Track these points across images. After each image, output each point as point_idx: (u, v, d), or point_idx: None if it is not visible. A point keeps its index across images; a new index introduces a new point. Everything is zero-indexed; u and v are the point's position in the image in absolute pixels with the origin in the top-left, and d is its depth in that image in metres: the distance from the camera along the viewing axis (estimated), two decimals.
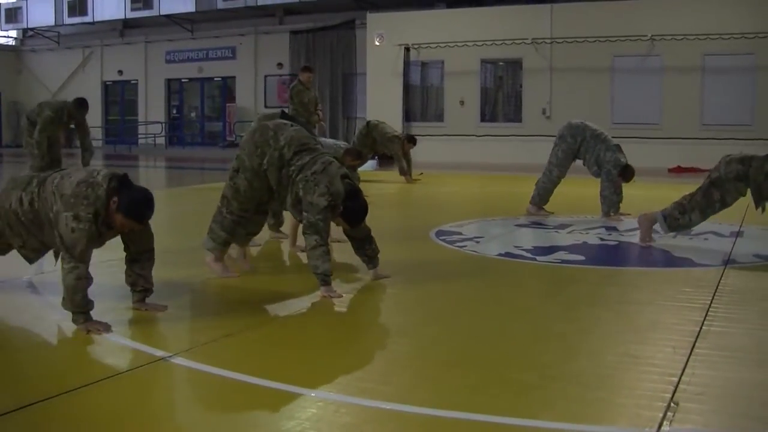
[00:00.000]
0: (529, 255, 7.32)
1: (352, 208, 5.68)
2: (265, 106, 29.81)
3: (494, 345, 4.47)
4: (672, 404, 3.42)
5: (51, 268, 5.78)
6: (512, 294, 5.85)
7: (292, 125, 6.06)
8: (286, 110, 11.19)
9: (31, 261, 5.22)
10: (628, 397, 3.56)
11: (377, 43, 23.79)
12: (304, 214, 5.59)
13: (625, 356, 4.19)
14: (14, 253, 5.20)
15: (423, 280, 6.14)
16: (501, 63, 23.23)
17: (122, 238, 4.93)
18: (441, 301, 5.56)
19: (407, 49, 23.31)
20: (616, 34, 20.34)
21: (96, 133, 33.20)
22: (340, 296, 5.47)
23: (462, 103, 22.85)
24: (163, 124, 32.52)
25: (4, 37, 36.82)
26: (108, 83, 34.78)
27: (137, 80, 33.63)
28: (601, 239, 8.29)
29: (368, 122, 15.81)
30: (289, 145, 5.78)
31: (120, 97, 34.88)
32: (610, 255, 7.67)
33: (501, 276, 6.48)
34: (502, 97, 23.35)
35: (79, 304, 4.54)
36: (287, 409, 3.46)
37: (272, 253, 7.57)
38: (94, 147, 10.92)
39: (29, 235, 4.95)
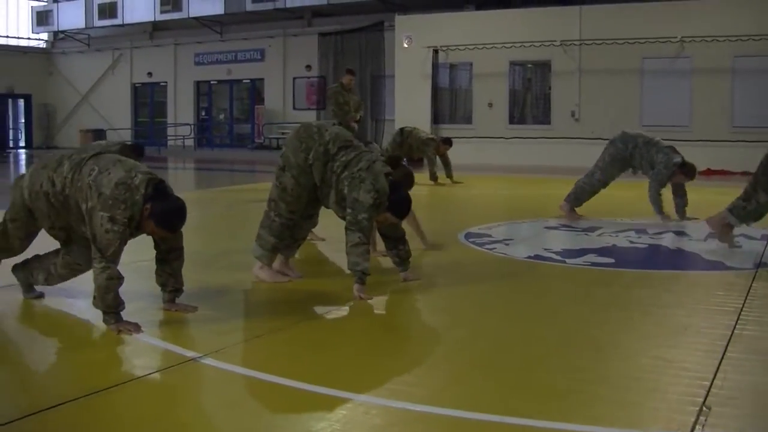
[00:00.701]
0: (558, 257, 7.28)
1: (397, 201, 5.66)
2: (294, 108, 29.92)
3: (524, 348, 4.46)
4: (704, 408, 3.39)
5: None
6: (542, 296, 5.83)
7: (334, 124, 6.08)
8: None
9: (62, 240, 5.17)
10: (661, 400, 3.54)
11: (406, 46, 23.78)
12: (348, 210, 5.57)
13: (656, 359, 4.16)
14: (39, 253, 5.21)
15: (453, 283, 6.12)
16: (530, 65, 23.16)
17: (152, 237, 4.94)
18: (471, 303, 5.54)
19: (436, 51, 23.28)
20: (645, 35, 20.21)
21: (125, 135, 33.46)
22: (369, 298, 5.46)
23: (490, 105, 22.79)
24: (192, 126, 32.65)
25: (36, 39, 37.12)
26: (137, 85, 34.97)
27: (166, 82, 33.79)
28: (631, 242, 8.24)
29: (402, 129, 15.62)
30: (334, 141, 5.79)
31: (149, 99, 35.06)
32: (641, 258, 7.61)
33: (530, 278, 6.45)
34: (530, 99, 23.28)
35: (110, 303, 4.56)
36: (316, 411, 3.46)
37: (307, 255, 7.57)
38: None
39: (57, 217, 4.95)
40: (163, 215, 4.64)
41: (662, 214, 9.61)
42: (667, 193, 9.79)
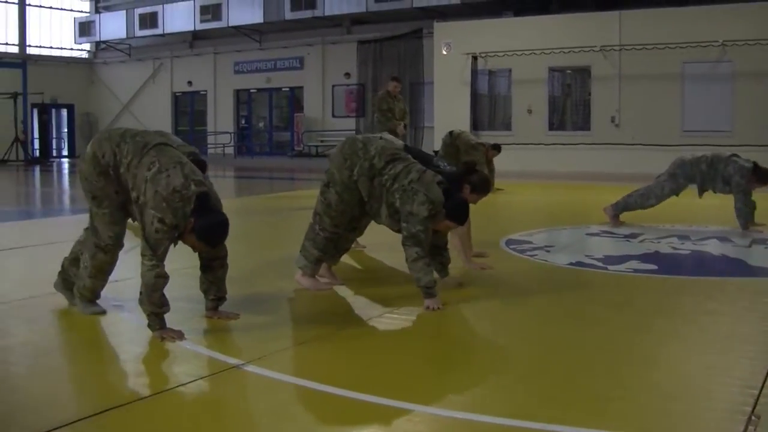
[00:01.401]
0: (600, 264, 7.23)
1: (455, 207, 5.57)
2: (333, 116, 30.01)
3: (567, 355, 4.42)
4: (753, 417, 3.34)
5: (122, 276, 5.88)
6: (585, 304, 5.78)
7: (380, 137, 6.03)
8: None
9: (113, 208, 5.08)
10: (708, 409, 3.50)
11: (444, 52, 23.76)
12: (403, 224, 5.50)
13: (702, 367, 4.12)
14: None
15: (494, 290, 6.09)
16: (569, 71, 23.05)
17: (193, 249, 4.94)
18: (512, 310, 5.51)
19: (474, 58, 23.24)
20: (686, 40, 20.05)
21: None
22: (441, 306, 5.39)
23: (530, 111, 22.71)
24: (232, 134, 32.84)
25: (78, 50, 37.54)
26: (178, 94, 35.26)
27: (206, 91, 34.03)
28: (674, 248, 8.16)
29: (451, 132, 15.41)
30: (380, 155, 5.73)
31: (189, 107, 35.33)
32: (684, 264, 7.54)
33: (573, 285, 6.41)
34: (570, 105, 23.17)
35: (156, 302, 4.60)
36: (359, 418, 3.46)
37: (348, 262, 7.58)
38: None
39: (119, 188, 4.93)
40: (205, 230, 4.64)
41: (749, 228, 9.29)
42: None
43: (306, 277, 6.10)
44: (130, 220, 5.17)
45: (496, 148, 15.08)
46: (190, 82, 34.35)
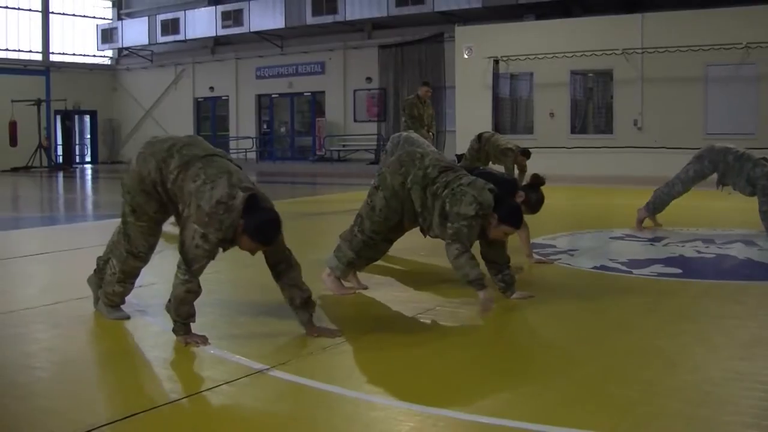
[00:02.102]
0: (624, 268, 7.20)
1: (509, 211, 5.55)
2: (354, 121, 30.04)
3: (593, 359, 4.41)
4: None
5: (147, 282, 5.90)
6: (609, 308, 5.76)
7: (436, 149, 6.04)
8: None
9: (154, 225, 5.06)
10: (734, 414, 3.47)
11: (466, 56, 23.76)
12: (448, 224, 5.48)
13: (728, 372, 4.09)
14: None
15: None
16: (591, 74, 23.00)
17: (251, 253, 4.79)
18: (536, 314, 5.49)
19: (496, 62, 23.22)
20: (709, 42, 19.96)
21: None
22: (491, 306, 5.37)
23: (552, 115, 22.67)
24: (254, 139, 32.94)
25: (101, 57, 37.77)
26: (200, 99, 35.42)
27: (228, 96, 34.17)
28: (698, 252, 8.12)
29: (480, 135, 14.83)
30: (434, 166, 5.70)
31: (211, 113, 35.47)
32: (708, 268, 7.50)
33: (597, 289, 6.38)
34: (592, 108, 23.11)
35: (183, 314, 4.58)
36: (382, 422, 3.46)
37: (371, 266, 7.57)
38: None
39: (160, 206, 4.88)
40: (256, 228, 4.52)
41: None
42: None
43: (332, 278, 6.07)
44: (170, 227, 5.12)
45: (526, 153, 14.38)
46: (212, 88, 34.49)
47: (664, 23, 20.85)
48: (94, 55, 37.37)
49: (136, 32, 34.81)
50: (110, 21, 37.03)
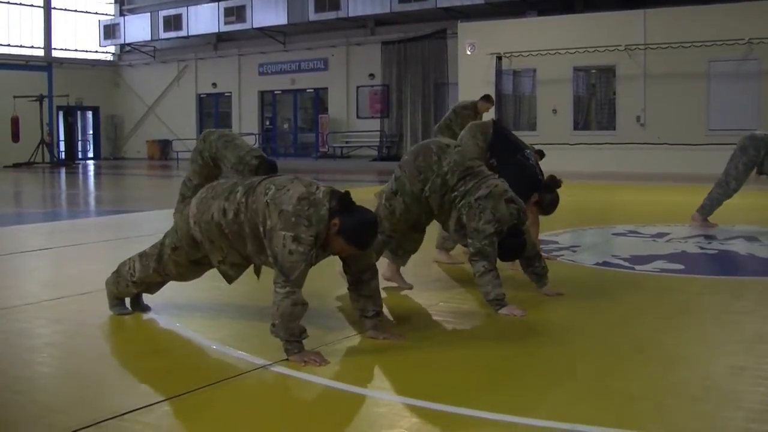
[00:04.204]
0: (627, 264, 7.19)
1: (509, 245, 5.49)
2: (357, 117, 30.05)
3: (595, 355, 4.40)
4: None
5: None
6: (611, 303, 5.75)
7: (456, 147, 5.88)
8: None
9: (231, 280, 4.84)
10: (736, 409, 3.47)
11: (468, 53, 23.75)
12: (469, 240, 5.41)
13: (730, 368, 4.08)
14: (115, 261, 5.27)
15: (520, 291, 6.04)
16: (594, 70, 23.00)
17: (340, 256, 4.58)
18: (538, 311, 5.48)
19: (499, 58, 23.22)
20: (711, 38, 19.96)
21: (190, 146, 33.82)
22: (523, 313, 5.27)
23: (555, 111, 22.67)
24: (257, 136, 32.94)
25: (103, 53, 37.79)
26: (202, 96, 35.43)
27: (231, 92, 34.18)
28: (701, 248, 8.12)
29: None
30: (453, 171, 5.53)
31: (214, 109, 35.49)
32: (711, 264, 7.50)
33: (599, 285, 6.37)
34: (595, 104, 23.11)
35: (294, 332, 4.19)
36: (386, 418, 3.46)
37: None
38: (189, 159, 10.55)
39: (230, 250, 4.63)
40: (354, 230, 4.24)
41: None
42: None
43: (392, 269, 6.12)
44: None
45: (539, 153, 14.28)
46: (214, 84, 34.51)
47: (666, 19, 20.85)
48: (97, 51, 37.42)
49: (138, 28, 34.85)
50: (112, 17, 37.05)
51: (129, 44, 36.31)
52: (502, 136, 7.24)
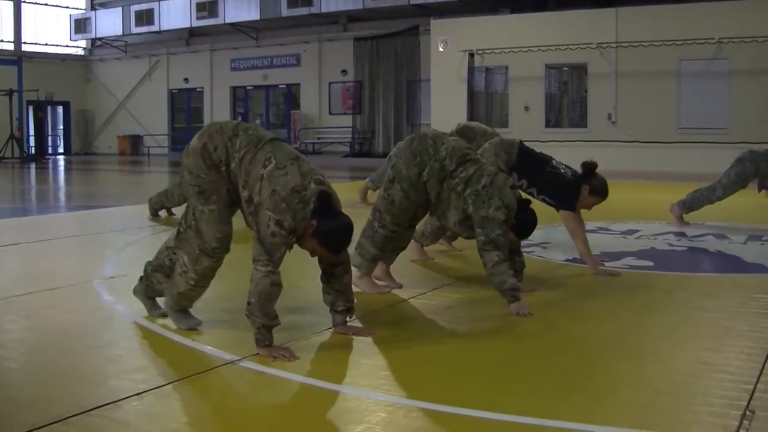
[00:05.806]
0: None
1: (523, 220, 5.52)
2: (330, 113, 30.04)
3: (563, 351, 4.42)
4: (748, 412, 3.34)
5: (117, 273, 5.86)
6: (580, 300, 5.78)
7: (451, 136, 5.84)
8: None
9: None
10: (702, 404, 3.49)
11: (441, 50, 23.78)
12: (479, 230, 5.35)
13: (698, 363, 4.12)
14: (84, 257, 5.24)
15: (489, 288, 6.03)
16: (566, 68, 23.09)
17: (311, 255, 4.48)
18: (506, 307, 5.48)
19: (471, 55, 23.26)
20: (682, 37, 20.09)
21: (162, 141, 33.70)
22: (530, 313, 5.21)
23: (527, 108, 22.74)
24: None
25: (74, 47, 37.52)
26: (174, 91, 35.29)
27: (203, 88, 34.07)
28: (670, 245, 8.17)
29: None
30: (451, 156, 5.50)
31: (186, 104, 35.35)
32: (680, 261, 7.55)
33: (568, 281, 6.41)
34: (567, 102, 23.21)
35: (270, 313, 4.17)
36: (354, 413, 3.46)
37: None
38: (160, 155, 10.46)
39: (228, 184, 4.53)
40: (328, 235, 4.21)
41: None
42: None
43: (365, 280, 5.86)
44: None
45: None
46: (186, 79, 34.39)
47: (638, 18, 20.97)
48: (67, 46, 37.13)
49: (109, 22, 34.63)
50: (83, 11, 36.81)
51: (100, 39, 36.09)
52: (528, 155, 7.15)
